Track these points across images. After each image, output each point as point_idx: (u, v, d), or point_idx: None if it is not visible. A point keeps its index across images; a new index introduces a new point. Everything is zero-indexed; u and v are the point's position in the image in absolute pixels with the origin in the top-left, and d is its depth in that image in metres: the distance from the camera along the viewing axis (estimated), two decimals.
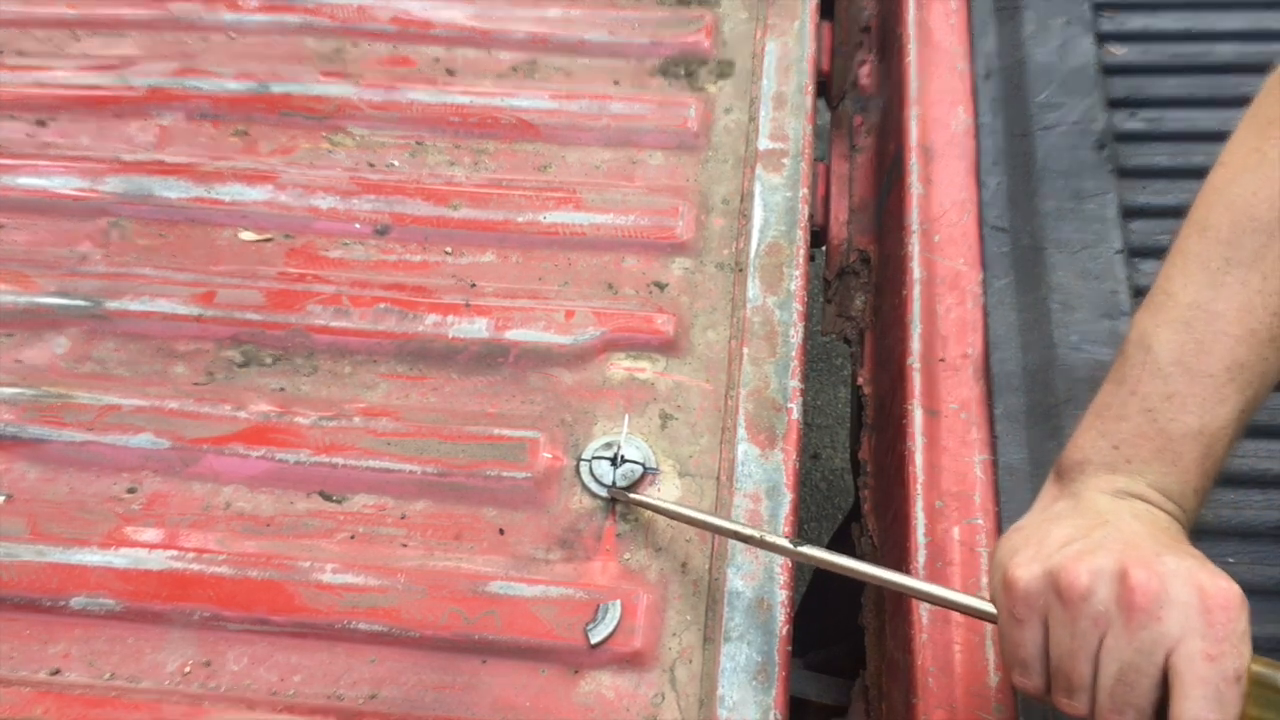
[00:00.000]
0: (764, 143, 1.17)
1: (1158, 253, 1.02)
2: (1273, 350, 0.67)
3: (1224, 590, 0.59)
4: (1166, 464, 0.67)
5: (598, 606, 0.86)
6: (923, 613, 0.85)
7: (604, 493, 0.93)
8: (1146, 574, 0.60)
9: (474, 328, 1.04)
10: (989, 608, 0.70)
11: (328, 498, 0.95)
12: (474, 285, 1.09)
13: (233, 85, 1.24)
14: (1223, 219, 0.69)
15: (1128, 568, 0.60)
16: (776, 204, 1.12)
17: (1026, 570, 0.64)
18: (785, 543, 0.80)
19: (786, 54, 1.26)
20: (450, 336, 1.03)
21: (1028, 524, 0.71)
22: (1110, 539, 0.63)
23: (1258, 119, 0.72)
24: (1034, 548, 0.66)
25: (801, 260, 1.08)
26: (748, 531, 0.82)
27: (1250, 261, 0.67)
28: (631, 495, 0.92)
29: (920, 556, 0.88)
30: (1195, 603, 0.59)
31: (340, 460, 0.95)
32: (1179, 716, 0.58)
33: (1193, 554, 0.63)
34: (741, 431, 0.97)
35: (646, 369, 1.02)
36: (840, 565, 0.77)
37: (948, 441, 0.94)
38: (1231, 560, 0.85)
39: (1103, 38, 1.20)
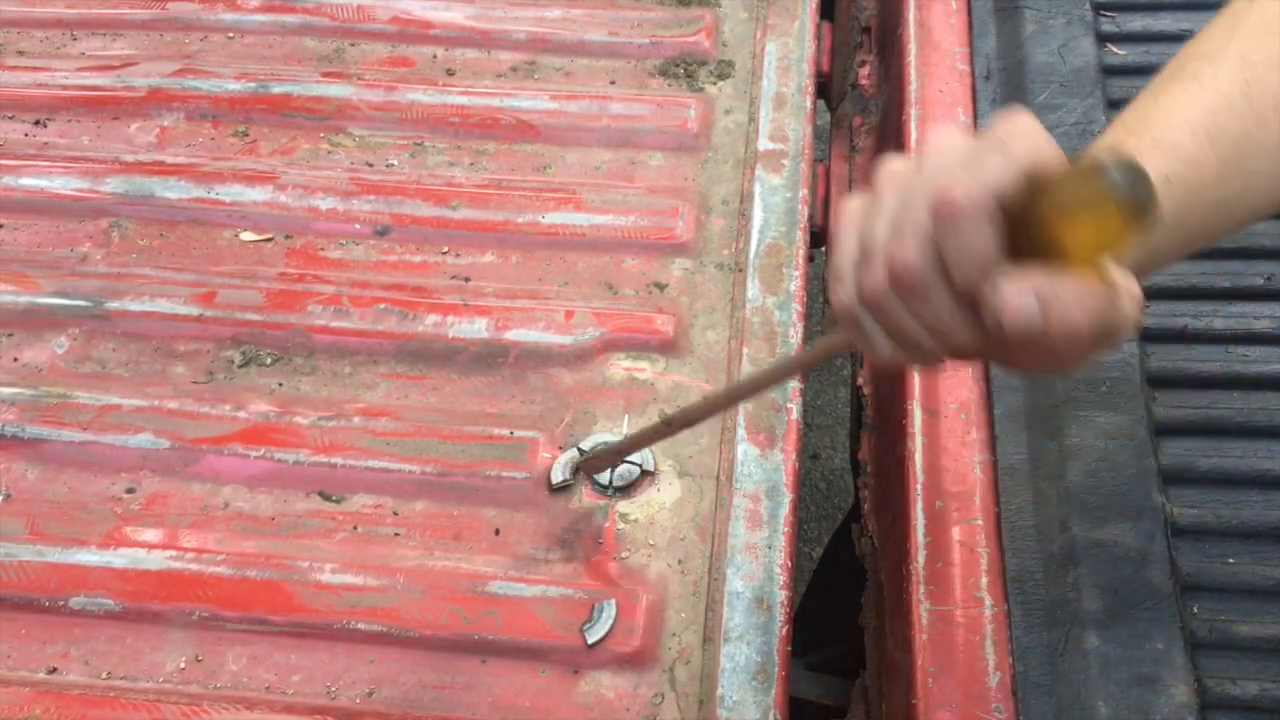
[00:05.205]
0: (764, 143, 1.17)
1: None
2: (1211, 149, 0.64)
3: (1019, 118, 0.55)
4: None
5: (593, 606, 0.86)
6: (923, 613, 0.85)
7: (569, 477, 0.93)
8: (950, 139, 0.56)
9: (474, 328, 1.04)
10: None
11: (327, 498, 0.95)
12: (474, 286, 1.08)
13: (233, 86, 1.24)
14: (1174, 60, 0.69)
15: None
16: (776, 205, 1.12)
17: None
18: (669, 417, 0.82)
19: (786, 54, 1.26)
20: (450, 336, 1.03)
21: None
22: None
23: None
24: None
25: (801, 261, 1.08)
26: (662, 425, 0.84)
27: (1188, 77, 0.67)
28: (592, 455, 0.92)
29: (920, 557, 0.88)
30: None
31: (339, 460, 0.95)
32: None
33: None
34: (741, 431, 0.97)
35: (646, 369, 1.02)
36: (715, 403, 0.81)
37: (948, 441, 0.94)
38: (1231, 560, 0.85)
39: (1103, 38, 1.20)
